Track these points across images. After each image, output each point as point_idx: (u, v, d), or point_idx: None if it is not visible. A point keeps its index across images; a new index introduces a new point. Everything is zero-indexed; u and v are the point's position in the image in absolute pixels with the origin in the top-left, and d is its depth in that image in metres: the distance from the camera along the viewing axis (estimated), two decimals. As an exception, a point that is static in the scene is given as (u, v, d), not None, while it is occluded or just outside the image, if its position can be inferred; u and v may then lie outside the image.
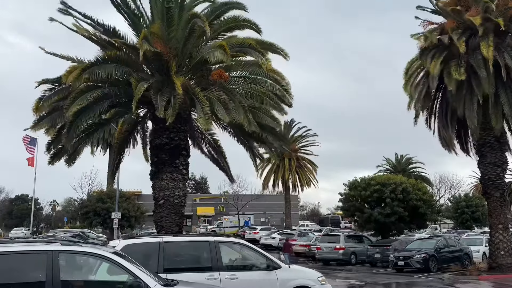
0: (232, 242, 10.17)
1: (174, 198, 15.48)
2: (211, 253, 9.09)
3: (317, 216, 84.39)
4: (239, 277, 8.97)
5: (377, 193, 29.56)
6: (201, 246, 9.47)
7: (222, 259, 9.17)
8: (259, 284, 9.13)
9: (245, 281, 8.99)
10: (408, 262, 20.53)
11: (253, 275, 9.33)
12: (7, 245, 6.40)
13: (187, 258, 9.41)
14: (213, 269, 8.94)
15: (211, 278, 8.75)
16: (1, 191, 74.62)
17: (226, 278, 8.84)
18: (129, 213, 41.08)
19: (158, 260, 8.70)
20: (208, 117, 14.12)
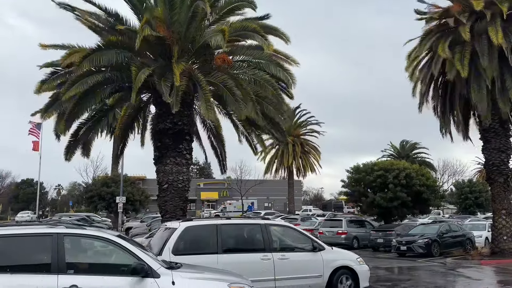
0: (280, 225, 11.06)
1: (178, 182, 15.55)
2: (263, 235, 9.63)
3: (320, 201, 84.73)
4: (289, 258, 9.61)
5: (381, 179, 29.58)
6: (254, 229, 9.96)
7: (273, 240, 9.74)
8: (307, 264, 9.80)
9: (294, 261, 9.66)
10: (411, 247, 20.67)
11: (301, 255, 9.99)
12: (14, 227, 6.51)
13: (242, 240, 9.89)
14: (266, 250, 9.48)
15: (265, 258, 9.33)
16: (7, 175, 75.32)
17: (278, 258, 9.43)
18: (133, 197, 41.41)
19: (216, 242, 9.17)
20: (209, 106, 14.04)
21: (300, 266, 9.72)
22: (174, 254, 8.50)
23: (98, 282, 5.73)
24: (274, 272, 9.30)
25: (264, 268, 9.22)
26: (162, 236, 9.47)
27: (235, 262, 8.93)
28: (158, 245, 9.16)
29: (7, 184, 76.94)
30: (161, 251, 8.52)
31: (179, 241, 8.89)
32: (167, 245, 8.73)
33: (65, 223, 6.67)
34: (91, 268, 6.07)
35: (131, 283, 5.78)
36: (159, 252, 8.48)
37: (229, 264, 8.74)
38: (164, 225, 10.38)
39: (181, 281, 5.95)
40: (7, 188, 77.20)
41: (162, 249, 8.65)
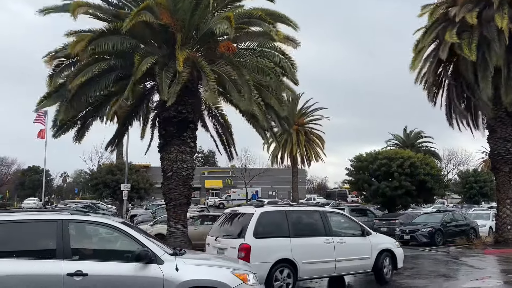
0: (336, 212, 11.82)
1: (182, 170, 15.60)
2: (323, 221, 10.60)
3: (324, 190, 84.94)
4: (345, 242, 10.61)
5: (385, 167, 29.60)
6: (315, 215, 10.81)
7: (331, 226, 10.71)
8: (359, 247, 10.88)
9: (349, 244, 10.66)
10: (414, 235, 20.72)
11: (355, 239, 10.97)
12: (19, 213, 6.59)
13: (307, 225, 10.61)
14: (327, 234, 10.43)
15: (327, 241, 10.30)
16: (14, 162, 75.87)
17: (337, 242, 10.42)
18: (138, 185, 41.69)
19: (288, 226, 9.98)
20: (214, 91, 14.00)
21: (354, 249, 10.73)
22: (255, 237, 9.43)
23: (103, 267, 5.80)
24: (335, 254, 10.29)
25: (327, 251, 10.21)
26: (239, 220, 10.21)
27: (304, 245, 9.93)
28: (235, 228, 10.05)
29: (13, 171, 77.55)
30: (243, 234, 9.44)
31: (258, 225, 9.60)
32: (249, 229, 9.48)
33: (70, 210, 6.73)
34: (96, 254, 6.13)
35: (135, 269, 5.84)
36: (242, 235, 9.46)
37: (299, 246, 9.78)
38: (234, 210, 11.25)
39: (185, 267, 6.01)
40: (13, 175, 77.83)
41: (244, 232, 9.48)
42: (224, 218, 11.06)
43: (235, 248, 9.37)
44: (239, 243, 9.39)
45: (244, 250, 9.22)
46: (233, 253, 9.31)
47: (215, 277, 6.05)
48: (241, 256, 9.09)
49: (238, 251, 9.26)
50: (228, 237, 10.01)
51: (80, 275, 5.63)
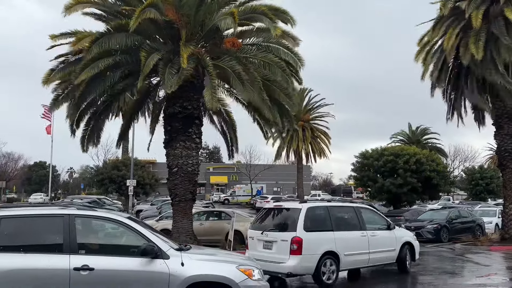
0: (366, 208, 12.49)
1: (188, 166, 15.63)
2: (358, 216, 11.40)
3: (329, 186, 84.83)
4: (376, 235, 11.42)
5: (390, 164, 29.50)
6: (350, 210, 11.64)
7: (364, 220, 11.45)
8: (387, 240, 11.72)
9: (379, 237, 11.51)
10: (420, 232, 20.63)
11: (383, 233, 11.75)
12: (27, 208, 6.64)
13: (345, 219, 11.36)
14: (362, 228, 11.20)
15: (363, 235, 11.09)
16: (20, 157, 76.38)
17: (370, 235, 11.24)
18: (144, 180, 41.83)
19: (330, 221, 10.69)
20: (214, 94, 13.84)
21: (383, 241, 11.57)
22: (305, 230, 10.00)
23: (109, 262, 5.83)
24: (369, 247, 11.13)
25: (363, 243, 11.02)
26: (286, 215, 10.77)
27: (345, 238, 10.61)
28: (283, 222, 10.60)
29: (20, 166, 78.12)
30: (294, 228, 10.01)
31: (306, 219, 10.17)
32: (299, 223, 10.03)
33: (77, 205, 6.77)
34: (102, 249, 6.17)
35: (141, 264, 5.87)
36: (293, 228, 10.02)
37: (341, 239, 10.48)
38: (278, 205, 11.65)
39: (190, 262, 6.04)
40: (20, 170, 78.38)
41: (295, 226, 10.03)
42: (266, 213, 11.51)
43: (287, 241, 9.87)
44: (291, 236, 9.88)
45: (297, 243, 9.77)
46: (285, 246, 9.88)
47: (221, 272, 6.07)
48: (294, 248, 9.73)
49: (290, 243, 9.80)
50: (277, 231, 10.45)
51: (86, 270, 5.68)
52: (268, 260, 9.96)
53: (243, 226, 17.52)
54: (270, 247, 10.29)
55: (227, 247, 14.73)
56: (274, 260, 9.99)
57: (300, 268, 9.87)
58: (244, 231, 17.44)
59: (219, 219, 18.53)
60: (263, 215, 11.49)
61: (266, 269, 9.64)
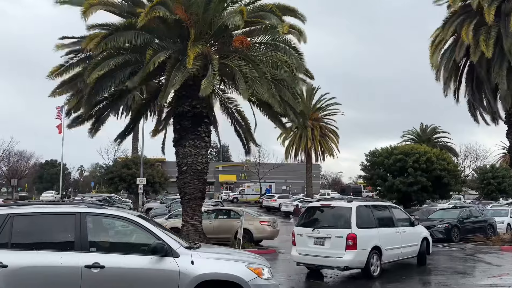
0: (395, 207, 13.34)
1: (197, 164, 15.69)
2: (391, 213, 12.42)
3: (339, 185, 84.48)
4: (406, 231, 12.44)
5: (400, 162, 29.29)
6: (386, 208, 12.66)
7: (397, 218, 12.46)
8: (412, 236, 12.80)
9: (407, 233, 12.51)
10: (430, 231, 20.35)
11: (409, 229, 12.82)
12: (39, 206, 6.70)
13: (383, 217, 12.15)
14: (395, 225, 12.18)
15: (397, 231, 12.10)
16: (32, 156, 77.20)
17: (402, 231, 12.23)
18: (153, 179, 42.00)
19: (374, 218, 11.58)
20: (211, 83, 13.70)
21: (410, 237, 12.62)
22: (358, 227, 10.78)
23: (119, 260, 5.86)
24: (401, 241, 12.14)
25: (397, 239, 12.04)
26: (337, 213, 11.53)
27: (385, 234, 11.52)
28: (336, 220, 11.28)
29: (32, 164, 78.97)
30: (348, 225, 10.79)
31: (357, 217, 10.95)
32: (352, 220, 10.82)
33: (87, 203, 6.82)
34: (113, 247, 6.20)
35: (151, 262, 5.90)
36: (347, 225, 10.79)
37: (383, 236, 11.38)
38: (326, 204, 12.46)
39: (200, 260, 6.04)
40: (32, 168, 79.23)
41: (349, 223, 10.82)
42: (313, 211, 12.31)
43: (343, 237, 10.64)
44: (347, 233, 10.65)
45: (352, 239, 10.58)
46: (340, 241, 10.69)
47: (230, 271, 6.07)
48: (349, 244, 10.55)
49: (346, 239, 10.60)
50: (331, 228, 11.09)
51: (97, 267, 5.72)
52: (320, 255, 10.90)
53: (252, 225, 17.57)
54: (322, 243, 11.00)
55: (236, 245, 14.76)
56: (328, 255, 10.80)
57: (355, 262, 10.70)
58: (253, 230, 17.51)
59: (228, 218, 18.57)
60: (310, 214, 12.24)
61: (319, 263, 11.21)
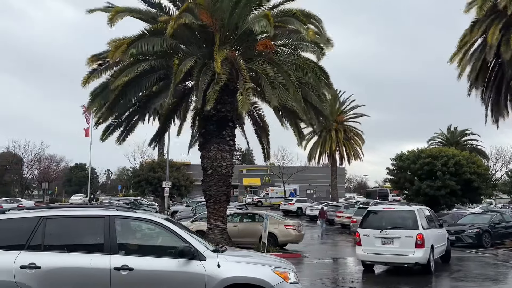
0: (427, 209, 14.26)
1: (222, 168, 15.78)
2: (432, 215, 13.94)
3: (364, 189, 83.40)
4: (440, 231, 14.03)
5: (428, 166, 28.65)
6: (429, 212, 14.05)
7: (435, 220, 14.15)
8: (444, 236, 14.51)
9: (441, 234, 14.20)
10: (460, 236, 19.95)
11: (442, 230, 14.47)
12: (69, 209, 6.88)
13: (430, 219, 13.52)
14: (435, 226, 13.72)
15: (439, 232, 13.83)
16: (62, 160, 79.33)
17: (439, 232, 13.95)
18: (179, 182, 42.40)
19: (427, 220, 12.94)
20: (247, 97, 13.97)
21: (443, 237, 14.32)
22: (424, 228, 12.21)
23: (147, 263, 5.95)
24: (441, 240, 13.82)
25: (441, 238, 13.93)
26: (401, 215, 12.76)
27: (434, 234, 12.94)
28: (402, 222, 12.45)
29: (61, 168, 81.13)
30: (416, 226, 12.10)
31: (421, 219, 12.43)
32: (419, 222, 12.19)
33: (116, 206, 6.94)
34: (141, 250, 6.29)
35: (178, 265, 5.95)
36: (415, 226, 12.10)
37: (434, 235, 12.90)
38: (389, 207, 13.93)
39: (226, 264, 6.06)
40: (62, 172, 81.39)
41: (416, 224, 12.14)
42: (375, 214, 13.32)
43: (412, 237, 11.92)
44: (416, 233, 11.95)
45: (421, 238, 11.87)
46: (409, 241, 11.91)
47: (257, 275, 6.06)
48: (419, 243, 11.84)
49: (415, 239, 11.86)
50: (399, 229, 12.25)
51: (126, 269, 5.81)
52: (390, 254, 12.14)
53: (277, 228, 17.50)
54: (391, 243, 12.18)
55: (261, 249, 14.74)
56: (398, 253, 12.06)
57: (424, 258, 11.94)
58: (278, 233, 17.44)
59: (252, 221, 18.58)
60: (371, 216, 13.19)
61: (388, 261, 12.51)
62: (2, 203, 36.35)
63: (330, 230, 28.25)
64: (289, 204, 42.15)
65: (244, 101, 13.82)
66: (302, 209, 41.14)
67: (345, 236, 23.86)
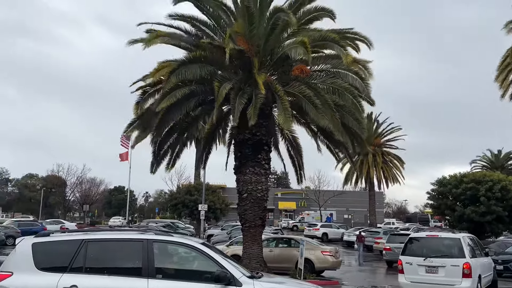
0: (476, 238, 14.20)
1: (257, 192, 15.77)
2: (478, 244, 13.61)
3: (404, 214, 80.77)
4: (486, 260, 13.60)
5: (471, 191, 27.48)
6: (475, 239, 13.66)
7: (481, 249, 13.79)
8: (488, 266, 13.77)
9: (487, 263, 13.64)
10: (508, 266, 18.86)
11: (488, 259, 14.13)
12: (109, 232, 7.04)
13: (475, 248, 13.10)
14: (482, 255, 13.38)
15: (487, 261, 13.60)
16: (102, 182, 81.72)
17: (486, 261, 13.49)
18: (214, 205, 42.66)
19: (473, 248, 12.57)
20: (288, 116, 14.11)
21: (489, 266, 13.93)
22: (470, 257, 11.79)
23: (184, 287, 5.95)
24: (488, 270, 13.43)
25: (487, 267, 13.37)
26: (447, 243, 12.45)
27: (481, 263, 12.55)
28: (448, 250, 12.15)
29: (101, 190, 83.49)
30: (462, 255, 11.71)
31: (468, 247, 12.16)
32: (465, 250, 11.83)
33: (154, 230, 7.04)
34: (177, 274, 6.30)
35: (214, 291, 5.91)
36: (461, 255, 11.71)
37: (481, 264, 12.52)
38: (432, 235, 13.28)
39: (262, 291, 5.98)
40: (101, 194, 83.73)
41: (462, 253, 11.77)
42: (417, 242, 13.05)
43: (459, 266, 11.53)
44: (463, 262, 11.54)
45: (468, 268, 11.49)
46: (455, 270, 11.55)
47: (293, 303, 5.94)
48: (466, 272, 11.45)
49: (462, 268, 11.47)
50: (444, 257, 11.90)
51: (163, 294, 5.83)
52: (434, 283, 11.75)
53: (313, 254, 17.16)
54: (435, 271, 11.84)
55: (297, 275, 14.47)
56: (443, 283, 11.67)
57: None
58: (315, 259, 17.08)
59: (288, 246, 18.32)
60: (413, 243, 12.92)
61: None
62: (46, 224, 37.70)
63: (369, 257, 27.39)
64: (314, 230, 41.13)
65: (286, 119, 13.96)
66: (327, 234, 40.15)
67: (384, 263, 23.04)
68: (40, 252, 6.09)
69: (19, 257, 6.13)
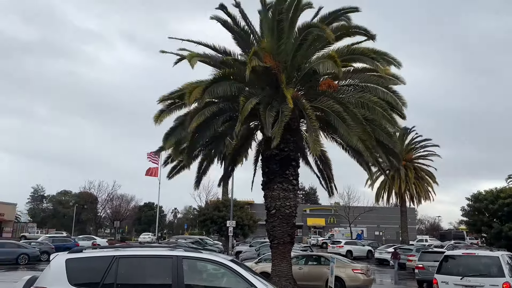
0: None
1: (285, 208, 15.64)
2: None
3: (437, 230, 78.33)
4: None
5: (508, 207, 26.43)
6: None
7: None
8: None
9: None
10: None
11: None
12: (140, 249, 7.11)
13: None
14: None
15: None
16: (132, 199, 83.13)
17: None
18: (242, 221, 42.51)
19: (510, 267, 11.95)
20: (317, 138, 13.94)
21: None
22: (510, 276, 11.40)
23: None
24: None
25: None
26: (484, 261, 12.06)
27: None
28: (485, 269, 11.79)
29: (132, 207, 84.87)
30: (502, 274, 11.40)
31: (508, 266, 11.72)
32: (505, 269, 11.49)
33: (183, 246, 7.07)
34: (206, 291, 6.30)
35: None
36: (500, 274, 11.40)
37: None
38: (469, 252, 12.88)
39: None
40: (132, 210, 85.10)
41: (502, 272, 11.44)
42: (453, 260, 12.66)
43: (498, 286, 11.19)
44: (502, 281, 11.23)
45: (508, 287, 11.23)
46: None
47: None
48: None
49: None
50: (482, 276, 11.55)
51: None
52: None
53: (344, 272, 16.78)
54: None
55: (328, 294, 14.16)
56: None
57: None
58: (345, 277, 16.69)
59: (318, 264, 18.01)
60: (449, 261, 12.55)
61: None
62: (79, 240, 38.54)
63: (402, 275, 26.55)
64: (338, 247, 40.20)
65: (315, 143, 13.76)
66: (352, 252, 39.12)
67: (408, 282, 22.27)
68: (73, 268, 6.20)
69: (53, 273, 6.25)
